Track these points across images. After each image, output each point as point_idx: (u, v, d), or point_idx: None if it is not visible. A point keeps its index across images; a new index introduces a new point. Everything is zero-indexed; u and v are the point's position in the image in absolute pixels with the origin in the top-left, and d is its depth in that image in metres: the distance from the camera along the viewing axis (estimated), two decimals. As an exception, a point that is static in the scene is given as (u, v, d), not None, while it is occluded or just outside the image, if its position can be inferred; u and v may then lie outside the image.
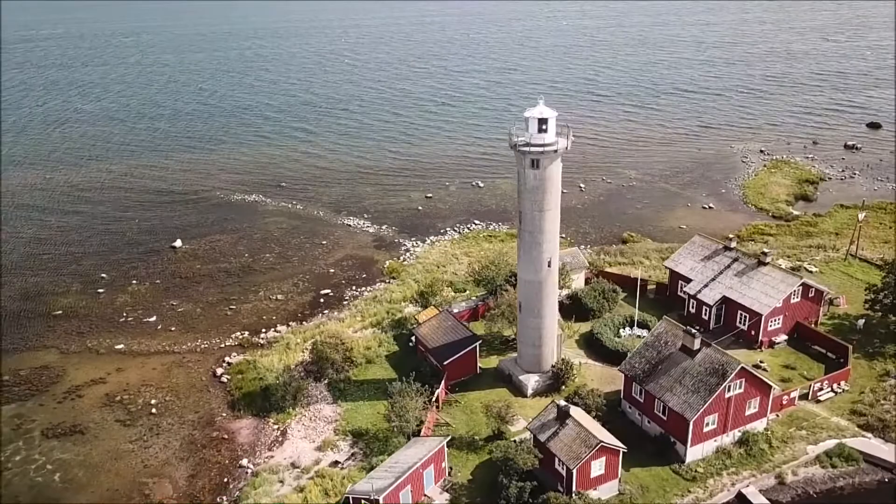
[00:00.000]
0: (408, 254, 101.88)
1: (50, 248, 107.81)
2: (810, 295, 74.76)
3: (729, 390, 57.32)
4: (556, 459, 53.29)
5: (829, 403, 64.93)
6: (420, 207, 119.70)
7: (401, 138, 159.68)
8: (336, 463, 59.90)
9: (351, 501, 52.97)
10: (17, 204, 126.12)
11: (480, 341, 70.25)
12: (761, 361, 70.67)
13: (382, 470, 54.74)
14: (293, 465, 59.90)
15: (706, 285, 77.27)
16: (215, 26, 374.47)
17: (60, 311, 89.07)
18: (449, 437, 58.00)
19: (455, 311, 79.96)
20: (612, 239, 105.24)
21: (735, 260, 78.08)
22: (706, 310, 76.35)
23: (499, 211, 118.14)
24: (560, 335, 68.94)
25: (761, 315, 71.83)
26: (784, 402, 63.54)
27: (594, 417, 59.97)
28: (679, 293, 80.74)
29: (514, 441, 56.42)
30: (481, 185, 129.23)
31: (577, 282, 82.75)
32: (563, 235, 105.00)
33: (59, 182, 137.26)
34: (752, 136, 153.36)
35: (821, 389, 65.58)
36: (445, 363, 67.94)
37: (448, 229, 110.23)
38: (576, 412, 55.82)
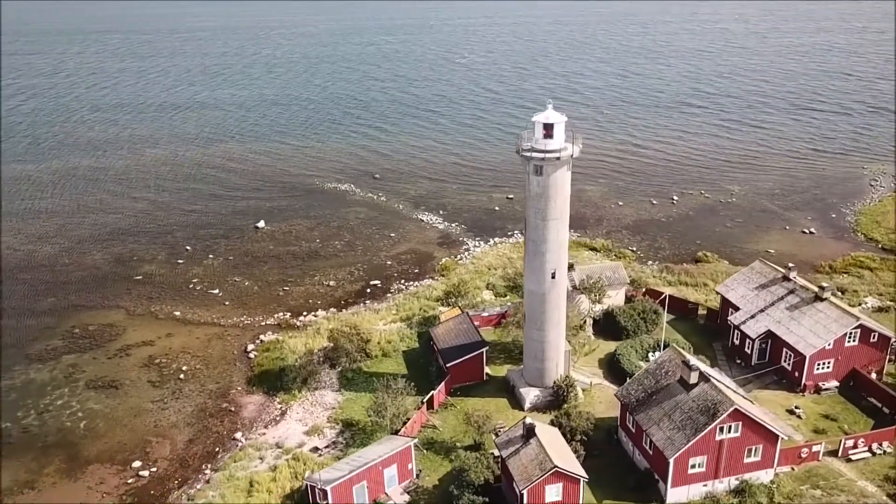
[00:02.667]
0: (467, 253, 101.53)
1: (153, 219, 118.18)
2: (872, 340, 65.96)
3: (721, 432, 52.18)
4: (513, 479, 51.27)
5: (862, 465, 57.14)
6: (497, 208, 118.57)
7: (497, 136, 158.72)
8: (316, 449, 61.33)
9: (309, 488, 54.11)
10: (143, 177, 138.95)
11: (487, 348, 68.69)
12: (797, 407, 63.63)
13: (345, 462, 55.39)
14: (277, 445, 62.07)
15: (753, 316, 70.59)
16: (360, 22, 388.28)
17: (140, 277, 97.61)
18: (415, 440, 57.41)
19: (485, 314, 78.97)
20: (686, 257, 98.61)
21: (791, 292, 70.68)
22: (749, 343, 69.76)
23: (577, 217, 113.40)
24: (568, 351, 65.87)
25: (805, 356, 64.52)
26: (802, 455, 56.76)
27: (579, 442, 57.05)
28: (728, 322, 74.30)
29: (480, 454, 54.87)
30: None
31: (616, 298, 78.45)
32: (634, 248, 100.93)
33: (185, 159, 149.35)
34: (892, 157, 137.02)
35: (854, 447, 57.84)
36: (449, 365, 67.28)
37: (516, 232, 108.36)
38: (544, 432, 53.29)
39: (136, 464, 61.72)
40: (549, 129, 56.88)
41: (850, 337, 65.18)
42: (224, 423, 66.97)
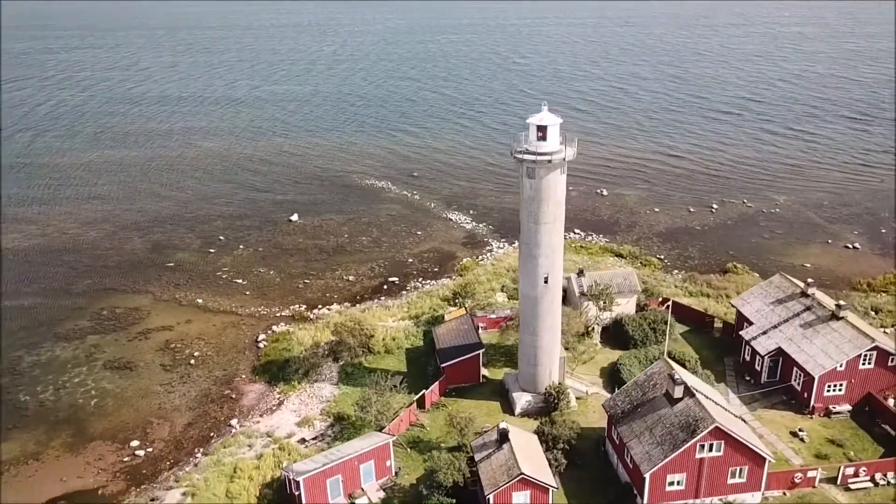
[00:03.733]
0: (489, 254, 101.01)
1: (195, 208, 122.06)
2: (890, 363, 62.24)
3: (702, 450, 50.30)
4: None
5: (862, 494, 54.03)
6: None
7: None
8: (303, 440, 62.28)
9: (287, 478, 54.96)
10: (192, 168, 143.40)
11: (484, 350, 68.14)
12: (800, 430, 60.67)
13: (323, 455, 56.00)
14: (267, 434, 63.29)
15: (765, 332, 67.70)
16: (427, 21, 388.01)
17: (172, 264, 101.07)
18: (393, 437, 57.45)
19: (492, 316, 78.49)
20: (715, 267, 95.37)
21: (807, 308, 67.43)
22: (759, 360, 66.91)
23: (609, 222, 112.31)
24: (563, 357, 64.64)
25: (814, 376, 61.45)
26: (796, 480, 54.07)
27: (561, 451, 56.01)
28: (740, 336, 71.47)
29: (454, 456, 54.53)
30: (605, 193, 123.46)
31: (627, 306, 76.46)
32: (661, 256, 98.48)
33: (233, 152, 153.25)
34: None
35: (855, 475, 54.72)
36: (444, 365, 67.16)
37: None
38: (519, 438, 52.56)
39: (135, 443, 64.09)
40: (542, 132, 55.94)
41: (865, 359, 61.71)
42: (223, 409, 68.80)
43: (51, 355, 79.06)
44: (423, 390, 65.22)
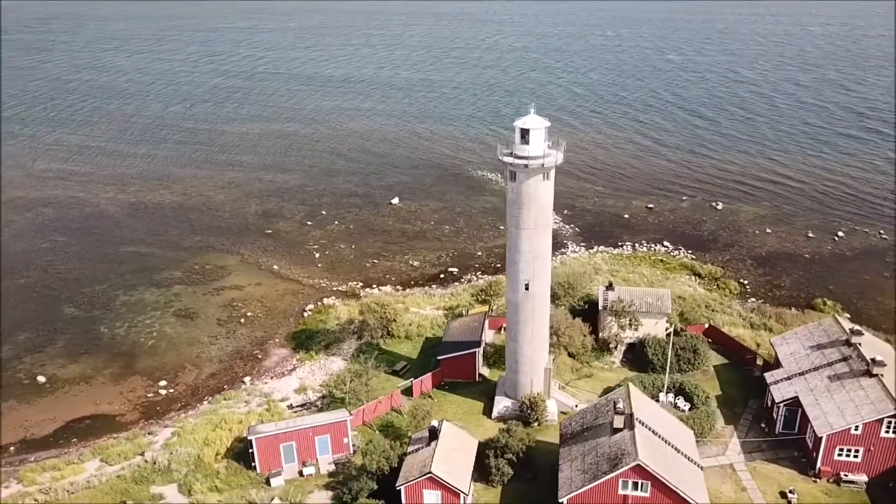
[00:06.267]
0: (560, 256, 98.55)
1: (315, 183, 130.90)
2: (923, 437, 53.09)
3: (625, 487, 47.06)
4: (405, 475, 51.64)
5: (829, 576, 47.27)
6: (626, 216, 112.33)
7: (668, 142, 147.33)
8: (291, 406, 66.56)
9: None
10: (330, 146, 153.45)
11: (480, 349, 67.80)
12: (791, 491, 54.02)
13: (285, 422, 59.77)
14: (265, 395, 68.42)
15: (788, 378, 60.53)
16: (623, 13, 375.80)
17: (271, 231, 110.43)
18: (352, 416, 59.47)
19: (519, 318, 77.34)
20: (801, 302, 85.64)
21: (844, 359, 59.25)
22: (776, 407, 60.09)
23: (708, 238, 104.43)
24: (548, 368, 62.50)
25: (820, 436, 54.20)
26: (749, 543, 48.62)
27: (508, 462, 54.95)
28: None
29: (390, 445, 55.65)
30: (719, 206, 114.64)
31: (657, 328, 71.56)
32: (745, 281, 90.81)
33: (373, 133, 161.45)
34: None
35: (826, 553, 47.97)
36: (440, 358, 67.98)
37: (627, 243, 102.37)
38: (453, 438, 52.49)
39: (162, 383, 72.45)
40: (525, 135, 54.54)
41: (888, 427, 53.18)
42: (246, 367, 75.23)
43: (139, 297, 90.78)
44: (412, 378, 66.60)
